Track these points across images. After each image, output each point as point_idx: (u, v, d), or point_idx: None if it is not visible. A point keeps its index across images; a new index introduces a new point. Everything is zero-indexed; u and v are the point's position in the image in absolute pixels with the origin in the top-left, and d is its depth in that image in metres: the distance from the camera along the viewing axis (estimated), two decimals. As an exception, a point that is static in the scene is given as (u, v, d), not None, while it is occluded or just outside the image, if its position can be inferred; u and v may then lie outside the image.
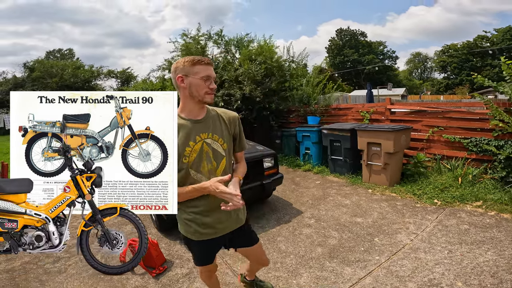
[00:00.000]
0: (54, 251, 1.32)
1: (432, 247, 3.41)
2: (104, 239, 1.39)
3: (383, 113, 6.75)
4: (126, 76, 34.32)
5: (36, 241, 1.28)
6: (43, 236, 1.29)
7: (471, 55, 46.38)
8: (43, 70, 27.56)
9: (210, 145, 1.75)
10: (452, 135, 5.63)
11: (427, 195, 4.96)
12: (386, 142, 5.36)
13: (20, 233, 1.27)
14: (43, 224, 1.29)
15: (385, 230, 3.91)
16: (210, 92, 1.70)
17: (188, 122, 1.71)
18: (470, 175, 5.09)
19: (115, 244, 1.39)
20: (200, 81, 1.66)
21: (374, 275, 2.97)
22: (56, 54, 46.38)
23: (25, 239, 1.28)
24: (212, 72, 1.70)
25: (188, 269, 3.25)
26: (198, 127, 1.74)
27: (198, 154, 1.71)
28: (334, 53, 55.53)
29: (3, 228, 1.25)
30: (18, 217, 1.27)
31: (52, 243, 1.30)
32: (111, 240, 1.38)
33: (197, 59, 1.67)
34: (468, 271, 2.91)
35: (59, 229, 1.32)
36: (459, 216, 4.17)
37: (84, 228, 1.37)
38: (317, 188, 5.87)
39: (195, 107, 1.74)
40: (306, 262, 3.26)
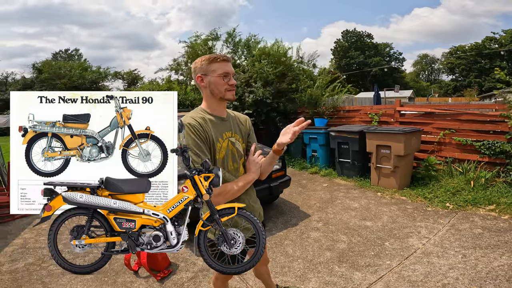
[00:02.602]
0: (172, 251, 1.31)
1: (445, 251, 3.32)
2: (222, 239, 1.37)
3: (392, 115, 6.65)
4: (133, 77, 34.60)
5: (154, 241, 1.29)
6: (161, 236, 1.29)
7: (479, 56, 45.88)
8: (51, 71, 27.97)
9: (234, 144, 1.77)
10: (464, 137, 5.51)
11: (439, 198, 4.85)
12: (396, 144, 5.26)
13: (138, 233, 1.29)
14: (161, 224, 1.30)
15: (396, 234, 3.81)
16: (230, 88, 1.69)
17: (215, 118, 1.72)
18: (483, 179, 4.97)
19: (233, 244, 1.36)
20: (219, 79, 1.65)
21: (385, 280, 2.89)
22: (62, 55, 46.87)
23: (143, 239, 1.30)
24: (229, 68, 1.68)
25: (193, 272, 3.18)
26: (224, 125, 1.76)
27: (226, 152, 1.72)
28: (340, 55, 55.30)
29: (120, 228, 1.28)
30: (136, 217, 1.29)
31: (170, 243, 1.30)
32: (229, 240, 1.36)
33: (213, 57, 1.66)
34: (483, 275, 2.85)
35: (177, 229, 1.32)
36: (472, 220, 4.07)
37: (202, 228, 1.36)
38: (325, 191, 5.78)
39: (218, 105, 1.74)
40: (315, 267, 3.18)
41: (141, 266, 3.21)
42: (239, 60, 9.64)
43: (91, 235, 1.30)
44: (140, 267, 3.23)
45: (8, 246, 3.90)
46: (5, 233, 4.33)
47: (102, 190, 1.29)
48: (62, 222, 1.29)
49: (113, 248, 1.32)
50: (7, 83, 33.03)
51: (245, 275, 3.04)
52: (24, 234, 4.28)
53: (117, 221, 1.28)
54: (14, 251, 3.77)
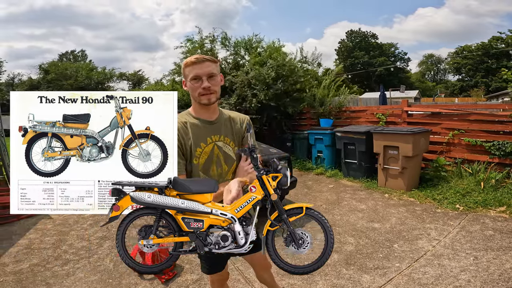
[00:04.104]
0: (240, 251, 1.31)
1: (456, 253, 3.25)
2: (290, 239, 1.36)
3: (399, 115, 6.57)
4: (138, 78, 34.83)
5: (222, 241, 1.29)
6: (229, 236, 1.29)
7: (486, 56, 45.41)
8: (58, 72, 28.29)
9: (221, 148, 1.70)
10: (473, 138, 5.42)
11: (448, 200, 4.76)
12: (404, 145, 5.18)
13: (206, 232, 1.29)
14: (229, 224, 1.30)
15: (405, 236, 3.74)
16: (203, 92, 1.61)
17: (199, 122, 1.67)
18: (493, 180, 4.88)
19: (301, 244, 1.36)
20: (191, 83, 1.61)
21: (395, 283, 2.84)
22: (69, 56, 47.27)
23: (210, 239, 1.30)
24: (200, 70, 1.59)
25: (198, 275, 3.14)
26: (210, 128, 1.69)
27: (209, 157, 1.67)
28: (344, 55, 55.05)
29: (189, 227, 1.28)
30: (204, 217, 1.29)
31: (238, 243, 1.30)
32: (297, 240, 1.35)
33: (185, 61, 1.62)
34: (495, 277, 2.80)
35: (245, 228, 1.32)
36: (482, 221, 3.99)
37: (270, 227, 1.35)
38: (331, 192, 5.71)
39: (202, 109, 1.69)
40: (322, 269, 3.12)
41: (145, 268, 3.17)
42: (242, 60, 9.58)
43: (159, 235, 1.30)
44: (145, 269, 3.19)
45: (13, 247, 3.89)
46: (10, 233, 4.32)
47: (170, 190, 1.30)
48: (130, 222, 1.29)
49: (181, 248, 1.32)
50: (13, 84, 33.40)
51: (250, 278, 2.99)
52: (29, 234, 4.27)
53: (185, 221, 1.28)
54: (18, 251, 3.76)
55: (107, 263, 3.41)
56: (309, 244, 1.36)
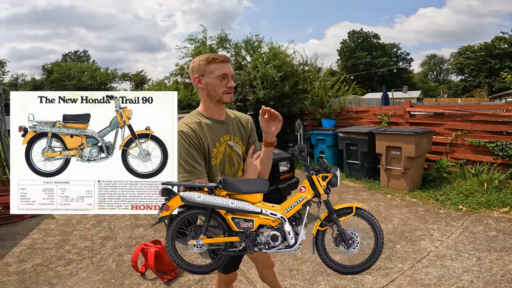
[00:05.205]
0: (290, 250, 1.32)
1: (459, 254, 3.24)
2: (339, 239, 1.39)
3: (402, 116, 6.53)
4: (140, 78, 34.93)
5: (271, 241, 1.29)
6: (279, 235, 1.29)
7: (489, 56, 45.17)
8: (61, 72, 28.45)
9: (232, 147, 1.71)
10: (476, 138, 5.38)
11: (451, 201, 4.74)
12: (407, 146, 5.16)
13: (255, 232, 1.29)
14: (279, 223, 1.30)
15: (407, 236, 3.72)
16: (228, 91, 1.61)
17: (211, 121, 1.65)
18: (496, 180, 4.85)
19: (351, 244, 1.38)
20: (216, 81, 1.58)
21: (397, 283, 2.83)
22: (72, 56, 47.49)
23: (260, 239, 1.30)
24: (228, 70, 1.60)
25: (200, 275, 3.13)
26: (222, 128, 1.69)
27: (223, 157, 1.67)
28: (346, 56, 54.88)
29: (238, 227, 1.28)
30: (253, 217, 1.29)
31: (288, 243, 1.30)
32: (346, 240, 1.38)
33: (211, 57, 1.58)
34: (498, 278, 2.78)
35: (294, 228, 1.32)
36: (485, 222, 3.97)
37: (320, 227, 1.37)
38: (333, 193, 5.66)
39: (216, 107, 1.67)
40: (324, 270, 3.11)
41: (148, 268, 3.18)
42: (244, 61, 9.56)
43: (209, 235, 1.29)
44: (147, 269, 3.19)
45: (16, 247, 3.90)
46: (13, 233, 4.34)
47: (220, 190, 1.30)
48: (180, 222, 1.30)
49: (231, 248, 1.31)
50: (17, 85, 33.59)
51: (253, 278, 2.98)
52: (32, 234, 4.28)
53: (235, 221, 1.28)
54: (22, 251, 3.77)
55: (110, 263, 3.42)
56: (359, 244, 1.38)
